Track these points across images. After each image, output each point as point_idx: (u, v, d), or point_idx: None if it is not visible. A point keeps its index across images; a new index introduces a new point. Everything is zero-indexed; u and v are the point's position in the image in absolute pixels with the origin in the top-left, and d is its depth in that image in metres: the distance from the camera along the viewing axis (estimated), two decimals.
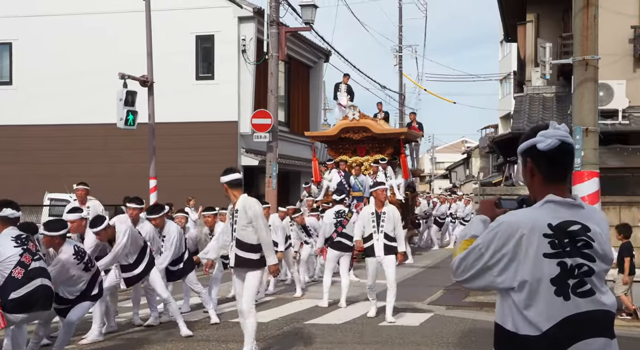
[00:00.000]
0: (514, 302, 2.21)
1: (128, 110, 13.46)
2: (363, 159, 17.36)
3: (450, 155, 68.84)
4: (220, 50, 20.55)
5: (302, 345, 7.08)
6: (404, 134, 17.65)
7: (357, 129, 16.97)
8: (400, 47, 38.62)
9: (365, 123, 16.95)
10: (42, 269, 5.65)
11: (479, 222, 2.38)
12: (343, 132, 17.08)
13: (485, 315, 8.91)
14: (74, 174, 19.88)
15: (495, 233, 2.23)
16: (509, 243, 2.20)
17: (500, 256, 2.21)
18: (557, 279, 2.16)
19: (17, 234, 5.70)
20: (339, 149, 17.63)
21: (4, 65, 22.18)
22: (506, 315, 2.24)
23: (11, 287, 5.41)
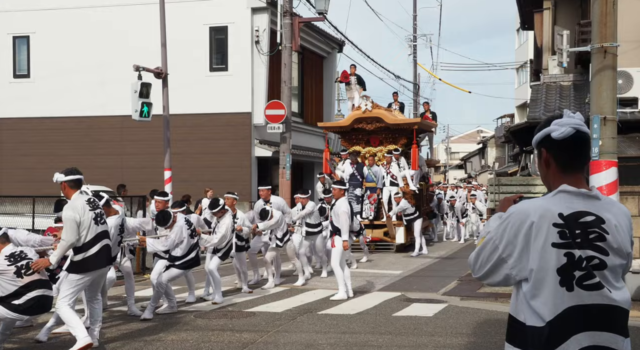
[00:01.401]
0: (523, 292, 2.18)
1: (143, 102, 13.51)
2: (376, 150, 17.27)
3: (466, 145, 68.46)
4: (233, 42, 20.54)
5: (316, 335, 7.09)
6: (418, 124, 17.53)
7: (370, 120, 16.89)
8: (414, 36, 38.41)
9: (378, 113, 16.86)
10: None
11: (497, 218, 2.33)
12: (356, 122, 17.01)
13: (501, 306, 8.87)
14: (91, 165, 20.07)
15: (507, 223, 2.19)
16: (520, 232, 2.16)
17: (513, 247, 2.17)
18: (563, 269, 2.12)
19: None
20: (352, 140, 17.58)
21: (22, 58, 22.34)
22: (518, 307, 2.21)
23: None
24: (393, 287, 10.90)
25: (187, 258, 8.43)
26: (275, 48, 18.49)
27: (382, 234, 16.48)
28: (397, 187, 16.32)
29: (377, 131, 17.08)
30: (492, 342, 6.88)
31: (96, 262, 6.52)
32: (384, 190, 16.51)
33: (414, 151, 16.94)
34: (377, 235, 16.38)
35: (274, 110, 17.36)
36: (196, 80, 20.10)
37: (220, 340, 6.85)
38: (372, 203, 16.58)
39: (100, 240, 6.56)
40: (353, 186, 16.45)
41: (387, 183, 16.49)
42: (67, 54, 21.17)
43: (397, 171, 16.54)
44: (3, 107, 21.67)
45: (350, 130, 17.37)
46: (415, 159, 16.91)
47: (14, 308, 6.12)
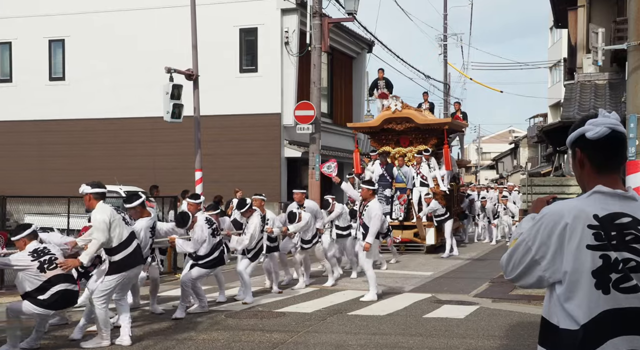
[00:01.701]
0: (557, 294, 2.13)
1: (174, 103, 13.65)
2: (406, 150, 17.12)
3: (497, 145, 67.71)
4: (263, 43, 20.65)
5: (346, 336, 7.08)
6: (448, 124, 17.35)
7: (400, 120, 16.71)
8: (445, 36, 38.10)
9: (408, 113, 16.71)
10: None
11: (530, 219, 2.29)
12: (386, 123, 16.89)
13: (534, 309, 8.73)
14: (123, 166, 20.39)
15: (540, 225, 2.15)
16: (553, 233, 2.12)
17: (547, 248, 2.13)
18: (598, 271, 2.07)
19: None
20: (381, 140, 17.42)
21: (57, 61, 22.80)
22: (551, 310, 2.17)
23: None
24: (423, 288, 10.82)
25: (211, 257, 8.47)
26: (305, 49, 18.53)
27: (412, 235, 16.33)
28: (427, 187, 16.20)
29: (406, 131, 16.92)
30: (524, 345, 6.78)
31: (131, 262, 6.78)
32: (414, 190, 16.39)
33: (446, 151, 16.74)
34: (407, 236, 16.25)
35: (303, 111, 17.39)
36: (226, 81, 20.26)
37: (250, 340, 6.89)
38: (402, 203, 16.45)
39: (133, 241, 6.84)
40: (382, 187, 16.34)
41: (417, 183, 16.37)
42: (101, 57, 21.54)
43: (427, 172, 16.36)
44: (40, 110, 22.13)
45: (379, 130, 17.26)
46: (447, 159, 16.75)
47: (40, 303, 6.30)
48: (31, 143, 22.19)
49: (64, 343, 6.91)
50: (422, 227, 16.10)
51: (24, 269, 6.37)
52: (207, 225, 8.47)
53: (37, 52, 22.55)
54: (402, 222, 16.29)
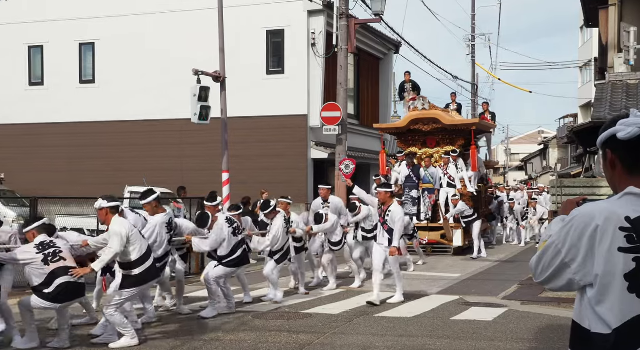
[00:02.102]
0: (588, 298, 2.09)
1: (202, 105, 13.76)
2: (433, 151, 16.96)
3: (526, 146, 66.90)
4: (290, 45, 20.71)
5: (373, 338, 7.05)
6: (476, 125, 17.14)
7: (427, 121, 16.54)
8: (473, 36, 37.80)
9: (435, 114, 16.57)
10: None
11: (559, 221, 2.25)
12: (412, 123, 16.76)
13: (564, 312, 8.61)
14: (152, 168, 20.62)
15: (570, 226, 2.11)
16: (584, 236, 2.08)
17: (577, 251, 2.09)
18: (632, 274, 2.03)
19: None
20: (408, 141, 17.26)
21: (88, 64, 23.17)
22: (583, 313, 2.12)
23: None
24: (451, 290, 10.74)
25: (233, 257, 8.49)
26: (332, 50, 18.54)
27: (439, 236, 16.17)
28: (455, 188, 16.08)
29: (433, 132, 16.76)
30: (554, 348, 6.69)
31: (148, 277, 6.91)
32: (441, 191, 16.27)
33: (473, 153, 16.55)
34: (434, 237, 16.09)
35: (330, 112, 17.39)
36: (253, 83, 20.36)
37: (277, 341, 6.90)
38: (432, 203, 16.33)
39: (150, 255, 6.94)
40: (409, 188, 16.28)
41: (444, 184, 16.25)
42: (130, 60, 21.82)
43: (454, 172, 16.25)
44: (71, 112, 22.50)
45: (406, 131, 17.14)
46: (474, 160, 16.55)
47: (46, 297, 6.42)
48: (61, 145, 22.56)
49: (91, 342, 6.99)
50: (449, 229, 15.95)
51: (29, 262, 6.48)
52: (228, 225, 8.50)
53: (68, 56, 22.92)
54: (429, 224, 16.15)
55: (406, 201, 16.12)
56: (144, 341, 6.95)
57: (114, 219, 6.72)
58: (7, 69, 23.29)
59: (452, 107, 18.85)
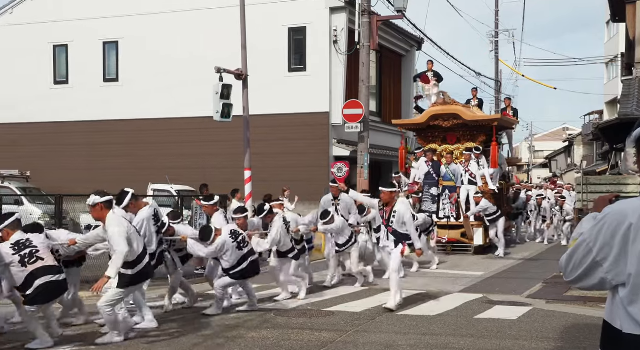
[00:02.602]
0: (620, 297, 2.03)
1: (224, 103, 13.79)
2: (453, 147, 16.60)
3: (550, 143, 66.12)
4: (311, 42, 20.69)
5: (395, 336, 7.01)
6: (497, 121, 16.65)
7: (447, 116, 16.17)
8: (496, 32, 37.44)
9: (455, 109, 16.13)
10: None
11: (591, 219, 2.19)
12: (432, 119, 16.33)
13: (590, 311, 8.48)
14: (174, 166, 20.76)
15: (603, 225, 2.05)
16: (617, 234, 2.02)
17: (609, 249, 2.03)
18: None
19: None
20: (428, 138, 16.90)
21: (112, 63, 23.40)
22: (614, 313, 2.07)
23: None
24: (474, 288, 10.63)
25: (238, 269, 8.15)
26: (354, 47, 18.46)
27: (460, 235, 15.84)
28: (476, 186, 15.75)
29: (454, 128, 16.35)
30: (580, 347, 6.58)
31: (142, 278, 6.86)
32: (462, 189, 15.96)
33: (494, 149, 16.14)
34: (454, 236, 15.77)
35: (352, 109, 17.33)
36: (275, 81, 20.38)
37: (299, 339, 6.89)
38: (454, 203, 16.01)
39: (146, 255, 6.89)
40: (429, 185, 15.99)
41: (465, 182, 15.92)
42: (153, 58, 21.98)
43: (476, 169, 15.87)
44: (95, 110, 22.73)
45: (426, 127, 16.69)
46: (494, 157, 16.11)
47: (26, 300, 6.31)
48: (85, 143, 22.81)
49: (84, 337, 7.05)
50: (470, 227, 15.64)
51: (9, 263, 6.32)
52: (232, 239, 8.11)
53: (92, 54, 23.16)
54: (448, 222, 15.86)
55: (425, 199, 15.87)
56: (166, 339, 6.99)
57: (110, 217, 6.59)
58: (33, 68, 23.61)
59: (473, 103, 18.35)
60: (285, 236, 9.29)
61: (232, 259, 8.12)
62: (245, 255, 8.22)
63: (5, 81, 23.88)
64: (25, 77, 23.56)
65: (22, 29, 23.61)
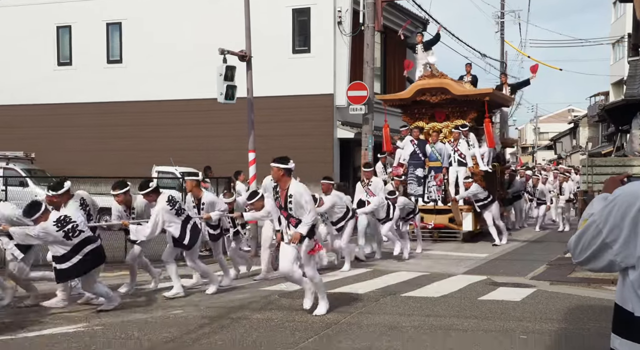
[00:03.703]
0: (631, 280, 2.01)
1: (227, 85, 13.73)
2: (442, 125, 15.27)
3: (555, 125, 65.89)
4: (316, 23, 20.54)
5: (399, 318, 7.04)
6: (489, 96, 15.01)
7: (434, 91, 14.82)
8: (502, 12, 37.08)
9: (443, 83, 14.76)
10: None
11: (601, 200, 2.16)
12: (418, 94, 14.95)
13: (594, 292, 8.50)
14: (178, 147, 20.75)
15: (613, 206, 2.03)
16: (627, 216, 1.99)
17: (619, 231, 2.00)
18: None
19: None
20: (414, 114, 15.56)
21: (115, 44, 23.30)
22: (625, 296, 2.05)
23: None
24: (478, 270, 10.66)
25: (188, 236, 8.15)
26: (358, 28, 18.35)
27: (447, 220, 14.62)
28: (465, 167, 14.56)
29: (442, 104, 15.00)
30: (584, 328, 6.60)
31: (80, 269, 7.12)
32: (451, 170, 14.72)
33: (487, 126, 14.77)
34: (441, 221, 14.54)
35: (356, 91, 17.24)
36: (279, 62, 20.27)
37: (304, 320, 6.92)
38: (439, 184, 14.78)
39: (81, 249, 7.06)
40: (414, 166, 14.94)
41: (453, 162, 14.69)
42: (156, 39, 21.86)
43: (465, 149, 14.63)
44: (98, 92, 22.69)
45: (411, 103, 15.29)
46: (489, 135, 14.81)
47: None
48: (89, 125, 22.79)
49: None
50: (458, 212, 14.48)
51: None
52: (170, 206, 7.96)
53: (95, 36, 23.06)
54: (435, 206, 14.73)
55: (411, 181, 14.89)
56: (174, 318, 7.04)
57: (69, 203, 7.35)
58: (37, 49, 23.53)
59: (466, 79, 16.65)
60: None
61: (177, 227, 8.10)
62: (187, 219, 8.24)
63: (9, 62, 23.81)
64: (29, 59, 23.49)
65: (25, 10, 23.50)
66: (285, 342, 6.00)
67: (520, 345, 5.99)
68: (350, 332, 6.43)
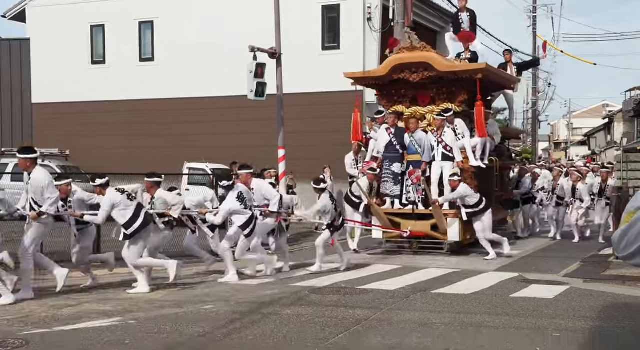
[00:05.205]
0: None
1: (258, 82, 13.83)
2: (426, 110, 12.46)
3: (589, 120, 64.72)
4: (345, 20, 20.51)
5: (430, 315, 7.02)
6: (482, 72, 11.93)
7: (415, 66, 12.04)
8: (534, 7, 36.57)
9: (424, 57, 12.01)
10: None
11: None
12: (396, 71, 12.20)
13: (629, 290, 8.37)
14: (209, 144, 20.93)
15: None
16: None
17: None
18: None
19: None
20: (392, 97, 12.78)
21: (147, 42, 23.58)
22: None
23: None
24: (510, 267, 10.56)
25: (138, 222, 8.30)
26: (388, 24, 18.27)
27: (429, 227, 11.89)
28: (453, 162, 11.85)
29: (426, 84, 12.24)
30: (619, 327, 6.50)
31: None
32: (434, 165, 11.98)
33: (478, 111, 11.81)
34: (421, 228, 11.89)
35: None
36: (309, 59, 20.29)
37: (334, 316, 6.95)
38: (415, 182, 12.00)
39: None
40: (389, 160, 12.25)
41: (437, 156, 11.94)
42: (188, 37, 22.07)
43: (451, 140, 11.87)
44: (131, 89, 23.00)
45: (389, 83, 12.55)
46: (480, 121, 11.81)
47: None
48: (122, 122, 23.09)
49: None
50: (442, 218, 11.66)
51: None
52: (119, 194, 8.32)
53: (128, 34, 23.37)
54: (415, 210, 12.08)
55: (385, 178, 12.26)
56: (205, 313, 7.12)
57: None
58: (71, 48, 23.94)
59: (464, 56, 13.53)
60: None
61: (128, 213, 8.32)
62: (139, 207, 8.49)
63: (44, 61, 24.28)
64: (64, 57, 23.90)
65: (59, 9, 23.90)
66: (316, 338, 6.03)
67: (553, 343, 5.93)
68: (381, 328, 6.43)
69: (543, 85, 40.96)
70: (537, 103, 39.26)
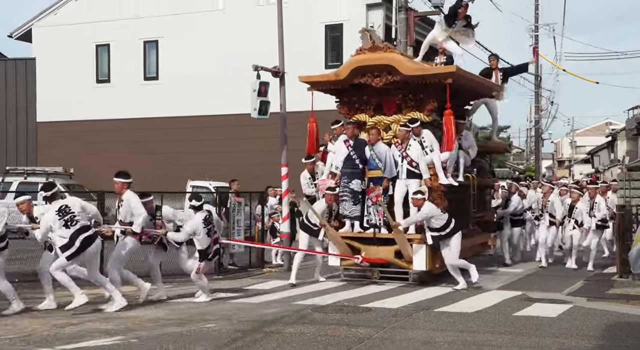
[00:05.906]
0: None
1: (261, 100, 13.91)
2: (391, 119, 11.00)
3: (592, 138, 64.73)
4: (348, 39, 20.65)
5: (433, 333, 6.99)
6: (452, 77, 10.35)
7: (378, 70, 10.64)
8: (536, 26, 36.78)
9: (387, 58, 10.63)
10: None
11: None
12: (356, 74, 10.83)
13: (633, 309, 8.32)
14: (210, 162, 21.02)
15: None
16: None
17: None
18: None
19: None
20: (353, 104, 11.45)
21: (151, 61, 23.83)
22: None
23: None
24: (513, 286, 10.53)
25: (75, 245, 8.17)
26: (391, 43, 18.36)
27: (393, 254, 10.46)
28: (420, 179, 10.38)
29: (390, 90, 10.84)
30: (623, 346, 6.47)
31: None
32: (398, 184, 10.49)
33: (447, 120, 10.25)
34: (384, 255, 10.48)
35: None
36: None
37: (336, 335, 6.93)
38: (375, 201, 10.52)
39: None
40: (348, 176, 10.75)
41: (402, 173, 10.46)
42: (191, 56, 22.31)
43: (418, 155, 10.42)
44: (136, 108, 23.16)
45: (349, 88, 11.21)
46: (449, 133, 10.24)
47: None
48: (126, 141, 23.22)
49: None
50: (406, 243, 10.23)
51: None
52: (57, 215, 8.16)
53: (132, 53, 23.60)
54: (376, 235, 10.58)
55: (344, 197, 10.72)
56: (207, 331, 7.11)
57: None
58: (77, 67, 24.16)
59: (438, 60, 12.39)
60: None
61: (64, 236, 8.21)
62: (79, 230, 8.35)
63: (50, 81, 24.50)
64: (69, 77, 24.11)
65: (66, 29, 24.18)
66: None
67: None
68: (383, 347, 6.41)
69: (546, 103, 41.09)
70: (540, 121, 39.35)
